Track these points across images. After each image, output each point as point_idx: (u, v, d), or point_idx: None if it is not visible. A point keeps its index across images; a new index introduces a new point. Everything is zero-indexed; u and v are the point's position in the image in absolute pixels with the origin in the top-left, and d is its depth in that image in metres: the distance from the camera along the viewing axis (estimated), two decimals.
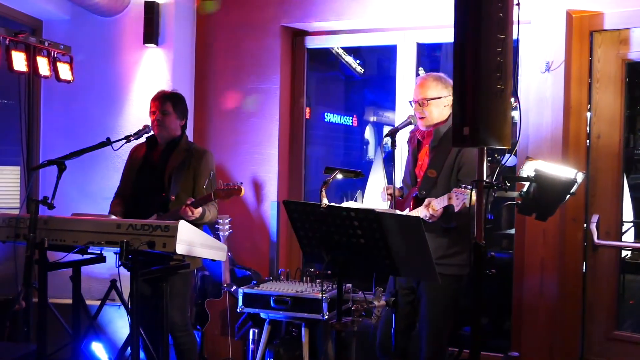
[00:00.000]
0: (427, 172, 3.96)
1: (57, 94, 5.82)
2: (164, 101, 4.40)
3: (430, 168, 3.97)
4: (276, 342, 4.80)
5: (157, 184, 4.35)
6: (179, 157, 4.38)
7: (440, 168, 3.94)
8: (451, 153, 3.92)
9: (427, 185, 3.94)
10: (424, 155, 4.06)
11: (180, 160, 4.36)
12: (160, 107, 4.38)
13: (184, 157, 4.37)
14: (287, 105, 5.76)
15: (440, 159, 3.95)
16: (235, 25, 5.73)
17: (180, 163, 4.34)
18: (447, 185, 3.88)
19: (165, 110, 4.38)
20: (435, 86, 4.00)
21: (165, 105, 4.38)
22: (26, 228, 3.78)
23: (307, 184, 5.92)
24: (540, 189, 3.37)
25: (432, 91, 3.99)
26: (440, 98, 3.99)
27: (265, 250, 5.61)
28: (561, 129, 4.72)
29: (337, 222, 3.23)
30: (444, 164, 3.93)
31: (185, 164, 4.34)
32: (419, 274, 3.51)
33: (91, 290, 5.44)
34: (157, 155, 4.45)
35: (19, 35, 4.86)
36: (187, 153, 4.40)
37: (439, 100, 3.99)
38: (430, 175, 3.96)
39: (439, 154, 3.97)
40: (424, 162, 4.05)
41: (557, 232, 4.72)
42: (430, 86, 4.01)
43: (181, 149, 4.42)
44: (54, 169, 3.85)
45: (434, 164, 3.96)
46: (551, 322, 4.75)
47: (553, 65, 4.74)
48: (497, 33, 2.79)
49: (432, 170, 3.96)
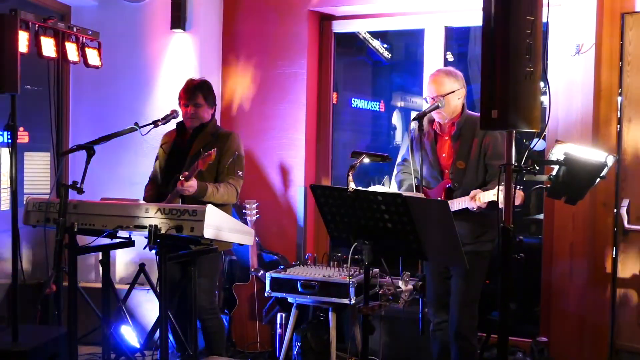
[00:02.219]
0: (457, 164, 4.04)
1: (86, 80, 5.87)
2: (194, 93, 4.39)
3: (458, 159, 4.05)
4: (303, 327, 4.81)
5: (181, 168, 4.36)
6: (204, 140, 4.40)
7: (468, 158, 4.03)
8: (475, 141, 4.02)
9: (458, 177, 4.04)
10: (446, 147, 4.13)
11: (206, 143, 4.37)
12: (192, 100, 4.38)
13: (209, 141, 4.38)
14: (314, 91, 5.74)
15: (465, 149, 4.05)
16: (262, 9, 5.72)
17: (204, 146, 4.35)
18: (476, 174, 4.02)
19: (197, 102, 4.39)
20: (448, 81, 4.09)
21: (196, 98, 4.38)
22: (56, 212, 3.82)
23: (334, 170, 5.92)
24: (570, 173, 3.33)
25: (445, 86, 4.06)
26: (454, 91, 4.07)
27: (293, 235, 5.62)
28: (591, 113, 4.66)
29: (364, 207, 3.22)
30: (470, 153, 4.03)
31: (209, 146, 4.35)
32: (446, 258, 3.49)
33: (120, 274, 5.50)
34: (186, 140, 4.48)
35: (48, 21, 4.89)
36: (212, 137, 4.41)
37: (453, 94, 4.06)
38: (460, 166, 4.05)
39: (463, 145, 4.06)
40: (447, 154, 4.11)
41: (587, 216, 4.67)
42: (443, 82, 4.08)
43: (207, 133, 4.43)
44: (83, 154, 3.88)
45: (461, 154, 4.05)
46: (580, 307, 4.71)
47: (583, 48, 4.67)
48: (526, 15, 2.75)
49: (460, 162, 4.05)
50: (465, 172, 4.03)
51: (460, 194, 3.99)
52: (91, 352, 5.06)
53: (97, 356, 4.94)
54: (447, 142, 4.14)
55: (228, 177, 4.33)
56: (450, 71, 4.16)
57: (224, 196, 4.28)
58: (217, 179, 4.33)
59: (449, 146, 4.12)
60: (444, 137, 4.16)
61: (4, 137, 5.48)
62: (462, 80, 4.14)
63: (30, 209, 4.12)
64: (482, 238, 4.03)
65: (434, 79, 4.12)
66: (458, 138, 4.08)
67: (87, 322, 4.81)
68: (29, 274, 4.61)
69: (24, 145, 5.74)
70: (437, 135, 4.19)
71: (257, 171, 5.69)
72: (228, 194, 4.30)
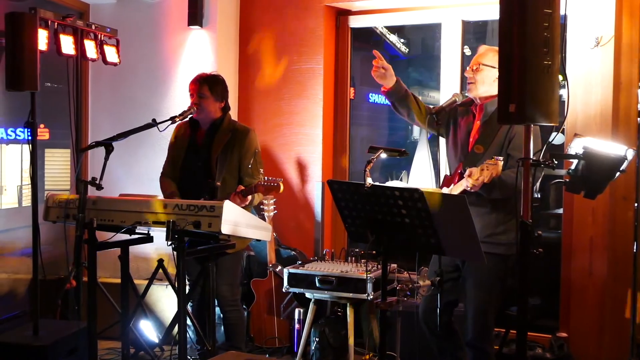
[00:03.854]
0: (475, 148, 3.92)
1: (104, 77, 5.91)
2: (201, 84, 4.40)
3: (477, 144, 3.93)
4: (321, 322, 4.81)
5: (204, 168, 4.38)
6: (223, 138, 4.40)
7: (489, 144, 3.89)
8: (501, 129, 3.87)
9: (473, 162, 3.87)
10: (475, 131, 4.01)
11: (225, 142, 4.38)
12: (198, 90, 4.39)
13: (228, 139, 4.39)
14: (331, 86, 5.74)
15: (489, 135, 3.91)
16: (279, 5, 5.72)
17: (225, 146, 4.36)
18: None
19: (202, 93, 4.38)
20: (494, 56, 3.91)
21: (202, 89, 4.38)
22: (75, 208, 3.85)
23: (352, 165, 5.91)
24: (589, 167, 3.30)
25: (488, 59, 3.94)
26: (494, 68, 3.86)
27: (310, 231, 5.62)
28: (611, 106, 4.62)
29: (381, 202, 3.21)
30: (492, 140, 3.89)
31: (229, 145, 4.36)
32: (464, 254, 3.48)
33: (139, 270, 5.53)
34: (201, 137, 4.48)
35: (67, 19, 4.93)
36: (231, 134, 4.42)
37: (491, 70, 3.88)
38: (477, 151, 3.92)
39: (487, 130, 3.92)
40: (474, 138, 4.00)
41: (607, 210, 4.63)
42: (488, 55, 3.97)
43: (224, 129, 4.44)
44: (102, 151, 3.91)
45: (482, 140, 3.92)
46: (600, 302, 4.68)
47: (602, 41, 4.63)
48: (544, 7, 2.73)
49: (479, 146, 3.92)
50: (482, 158, 3.83)
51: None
52: (111, 346, 5.10)
53: (116, 351, 4.98)
54: (477, 126, 4.01)
55: (254, 178, 4.37)
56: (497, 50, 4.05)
57: (257, 200, 4.42)
58: (241, 180, 4.37)
59: (477, 130, 4.00)
60: (476, 121, 4.03)
61: (25, 134, 5.53)
62: None
63: (51, 205, 4.15)
64: (497, 238, 3.82)
65: (481, 50, 4.02)
66: (486, 122, 3.94)
67: (106, 317, 4.85)
68: (49, 269, 4.65)
69: (44, 142, 5.79)
70: (474, 118, 4.05)
71: (274, 167, 5.70)
72: (259, 197, 4.43)
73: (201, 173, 4.38)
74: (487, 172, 3.52)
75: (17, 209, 5.71)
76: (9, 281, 5.55)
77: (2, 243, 5.50)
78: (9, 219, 5.67)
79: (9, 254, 5.62)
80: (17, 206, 5.70)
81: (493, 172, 3.51)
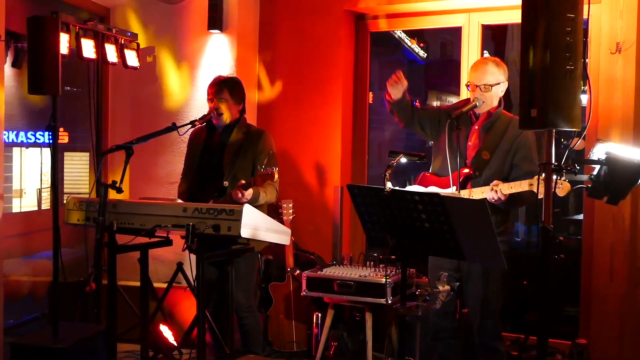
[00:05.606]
0: (481, 154, 3.98)
1: (124, 81, 5.94)
2: (220, 88, 4.41)
3: (483, 150, 4.00)
4: (339, 326, 4.81)
5: (217, 168, 4.39)
6: (237, 139, 4.42)
7: (494, 150, 3.97)
8: (506, 136, 3.96)
9: (480, 166, 3.98)
10: (474, 137, 4.07)
11: (238, 143, 4.39)
12: (217, 94, 4.39)
13: (242, 140, 4.40)
14: (350, 90, 5.74)
15: (493, 141, 3.99)
16: (299, 10, 5.73)
17: (237, 147, 4.37)
18: (500, 168, 3.97)
19: (222, 97, 4.39)
20: (497, 71, 4.02)
21: (222, 93, 4.40)
22: (96, 211, 3.87)
23: (370, 169, 5.90)
24: (612, 172, 3.28)
25: (494, 77, 4.00)
26: (499, 83, 4.02)
27: (329, 235, 5.61)
28: (632, 111, 4.59)
29: (401, 206, 3.20)
30: (497, 146, 3.97)
31: (243, 146, 4.36)
32: (484, 259, 3.46)
33: (158, 273, 5.55)
34: (217, 139, 4.50)
35: (88, 23, 4.97)
36: (244, 136, 4.43)
37: (498, 86, 4.01)
38: (484, 157, 3.99)
39: (492, 136, 4.00)
40: (473, 143, 4.06)
41: (628, 216, 4.60)
42: (493, 71, 4.01)
43: (239, 131, 4.45)
44: (121, 154, 3.92)
45: (487, 146, 3.99)
46: (621, 309, 4.64)
47: (624, 46, 4.60)
48: (566, 12, 2.72)
49: (485, 152, 4.00)
50: (488, 163, 3.97)
51: (481, 184, 3.94)
52: (129, 349, 5.11)
53: (135, 354, 4.99)
54: (476, 132, 4.07)
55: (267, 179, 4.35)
56: (499, 62, 4.06)
57: (269, 198, 4.38)
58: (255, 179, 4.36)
59: (477, 136, 4.06)
60: (474, 127, 4.09)
61: (44, 138, 5.57)
62: (507, 73, 4.09)
63: (71, 207, 4.17)
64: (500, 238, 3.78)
65: (483, 67, 4.03)
66: (489, 129, 4.03)
67: (125, 320, 4.87)
68: (69, 271, 4.68)
69: (63, 145, 5.83)
70: (472, 124, 4.11)
71: (293, 171, 5.70)
72: (271, 195, 4.38)
73: (213, 173, 4.39)
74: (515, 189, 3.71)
75: (36, 212, 5.75)
76: (29, 284, 5.59)
77: (22, 246, 5.54)
78: (29, 222, 5.70)
79: (29, 257, 5.66)
80: (36, 209, 5.74)
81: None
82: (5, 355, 4.42)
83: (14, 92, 5.28)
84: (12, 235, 5.14)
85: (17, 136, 5.48)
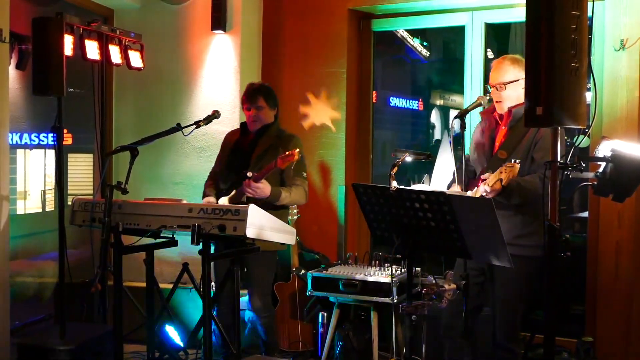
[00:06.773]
0: (498, 153, 3.90)
1: (128, 82, 5.94)
2: (255, 96, 4.47)
3: (501, 149, 3.91)
4: (345, 326, 4.80)
5: (244, 164, 4.42)
6: (267, 141, 4.46)
7: (512, 150, 3.86)
8: (528, 135, 3.83)
9: (495, 166, 3.83)
10: (501, 137, 3.98)
11: (268, 144, 4.44)
12: (254, 103, 4.46)
13: (272, 142, 4.44)
14: (354, 89, 5.74)
15: (514, 141, 3.88)
16: (302, 9, 5.73)
17: (267, 147, 4.41)
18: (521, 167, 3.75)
19: (259, 106, 4.46)
20: (513, 69, 3.91)
21: (258, 101, 4.46)
22: (101, 212, 3.87)
23: (374, 168, 5.90)
24: (618, 169, 3.27)
25: (509, 74, 3.91)
26: (518, 80, 3.87)
27: (333, 234, 5.62)
28: (637, 109, 4.59)
29: (406, 205, 3.20)
30: (517, 145, 3.86)
31: (272, 148, 4.39)
32: (490, 257, 3.46)
33: (164, 273, 5.56)
34: (248, 140, 4.54)
35: (91, 24, 4.97)
36: (276, 139, 4.48)
37: (516, 83, 3.88)
38: (501, 156, 3.89)
39: (513, 136, 3.89)
40: (500, 143, 3.97)
41: (634, 214, 4.59)
42: (507, 69, 3.93)
43: (271, 134, 4.50)
44: (126, 155, 3.93)
45: (507, 145, 3.89)
46: (627, 306, 4.64)
47: (628, 43, 4.60)
48: (571, 10, 2.72)
49: (502, 152, 3.90)
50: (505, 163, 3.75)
51: None
52: (136, 350, 5.12)
53: (141, 354, 4.99)
54: (504, 132, 3.98)
55: (295, 179, 4.39)
56: (517, 59, 3.95)
57: (295, 198, 4.39)
58: (283, 182, 4.39)
59: (504, 135, 3.97)
60: (501, 127, 4.01)
61: (48, 139, 5.58)
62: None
63: (77, 209, 4.18)
64: (523, 240, 3.79)
65: (497, 65, 3.98)
66: (512, 128, 3.91)
67: (131, 320, 4.87)
68: (75, 272, 4.69)
69: (67, 146, 5.83)
70: (497, 124, 4.04)
71: None
72: (299, 196, 4.40)
73: (239, 168, 4.40)
74: (505, 175, 3.49)
75: (41, 213, 5.76)
76: (35, 285, 5.60)
77: (27, 247, 5.55)
78: (33, 224, 5.72)
79: (34, 258, 5.67)
80: (40, 211, 5.75)
81: (510, 174, 3.47)
82: (12, 355, 4.43)
83: (18, 94, 5.29)
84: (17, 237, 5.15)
85: (20, 138, 5.49)
